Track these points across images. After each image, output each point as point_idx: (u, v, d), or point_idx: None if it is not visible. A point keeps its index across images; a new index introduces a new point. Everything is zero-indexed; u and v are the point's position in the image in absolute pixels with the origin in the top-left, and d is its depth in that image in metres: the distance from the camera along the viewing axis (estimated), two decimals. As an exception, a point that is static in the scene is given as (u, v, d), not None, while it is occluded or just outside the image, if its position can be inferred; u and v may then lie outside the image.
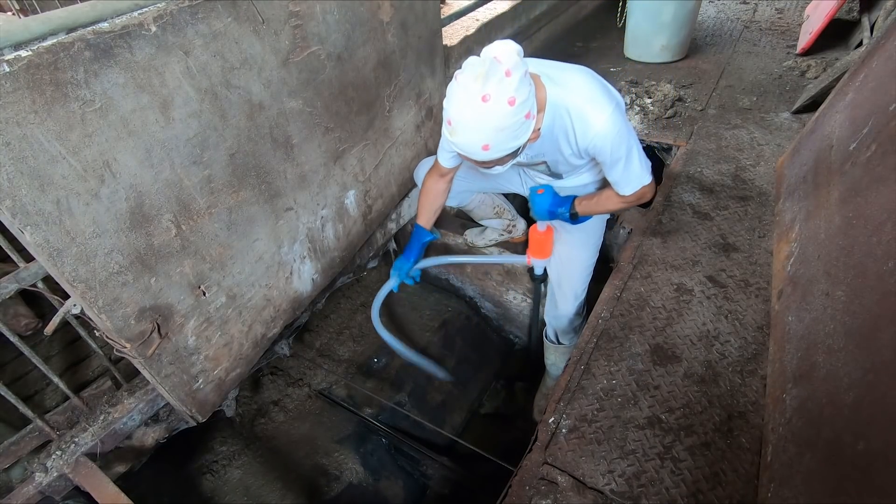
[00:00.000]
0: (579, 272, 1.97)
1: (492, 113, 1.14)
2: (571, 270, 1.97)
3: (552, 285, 2.09)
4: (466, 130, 1.19)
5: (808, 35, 3.40)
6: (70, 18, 1.00)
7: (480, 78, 1.13)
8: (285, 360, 2.48)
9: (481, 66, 1.14)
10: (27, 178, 0.96)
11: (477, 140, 1.19)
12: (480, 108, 1.14)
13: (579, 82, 1.36)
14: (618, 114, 1.34)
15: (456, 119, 1.19)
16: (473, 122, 1.16)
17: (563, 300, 2.05)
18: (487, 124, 1.16)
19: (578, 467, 1.41)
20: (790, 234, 1.85)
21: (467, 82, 1.15)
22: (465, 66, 1.18)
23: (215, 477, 2.06)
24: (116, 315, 1.19)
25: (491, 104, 1.14)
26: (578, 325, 2.16)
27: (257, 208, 1.50)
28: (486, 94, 1.13)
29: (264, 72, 1.38)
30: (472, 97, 1.14)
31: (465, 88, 1.15)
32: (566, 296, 2.03)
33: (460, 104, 1.17)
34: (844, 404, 1.08)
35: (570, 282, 1.99)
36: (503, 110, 1.15)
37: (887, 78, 1.61)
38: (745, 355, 1.64)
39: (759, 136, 2.69)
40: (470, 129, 1.18)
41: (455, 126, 1.20)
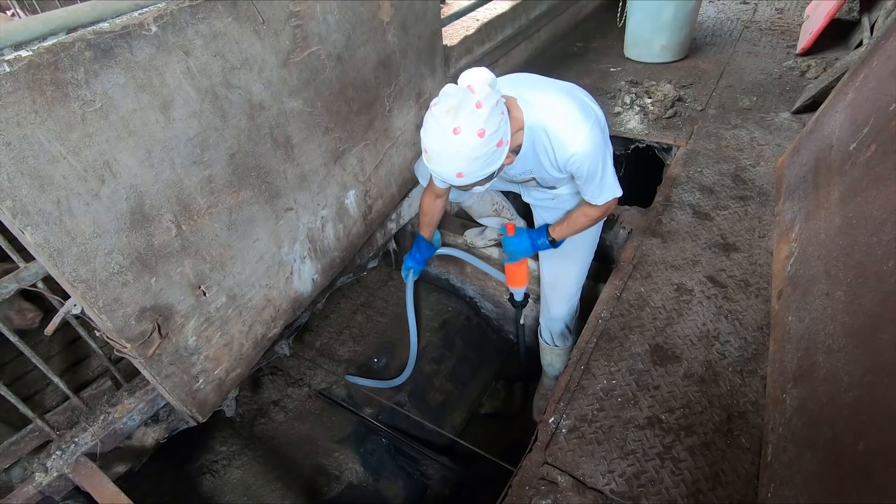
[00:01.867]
0: (573, 275, 1.97)
1: (463, 145, 1.19)
2: (565, 273, 1.97)
3: (545, 288, 2.09)
4: (441, 160, 1.25)
5: (808, 35, 3.40)
6: (70, 18, 1.00)
7: (452, 111, 1.18)
8: (285, 360, 2.48)
9: (454, 99, 1.18)
10: (28, 178, 0.96)
11: (451, 169, 1.25)
12: (452, 140, 1.19)
13: (556, 103, 1.38)
14: (595, 131, 1.37)
15: (431, 149, 1.25)
16: (446, 152, 1.22)
17: (556, 303, 2.05)
18: (459, 155, 1.21)
19: (578, 467, 1.41)
20: (790, 234, 1.85)
21: (440, 115, 1.20)
22: (441, 95, 1.23)
23: (215, 477, 2.06)
24: (117, 315, 1.19)
25: (461, 136, 1.18)
26: (573, 326, 2.16)
27: (257, 208, 1.50)
28: (456, 126, 1.18)
29: (264, 72, 1.38)
30: (444, 130, 1.19)
31: (437, 121, 1.21)
32: (560, 298, 2.03)
33: (434, 136, 1.22)
34: (844, 404, 1.08)
35: (565, 284, 1.99)
36: (473, 142, 1.19)
37: (887, 78, 1.61)
38: (745, 355, 1.64)
39: (759, 136, 2.69)
40: (444, 158, 1.24)
41: (431, 155, 1.26)
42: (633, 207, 2.35)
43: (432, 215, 1.96)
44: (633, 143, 2.91)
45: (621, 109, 3.10)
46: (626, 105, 3.12)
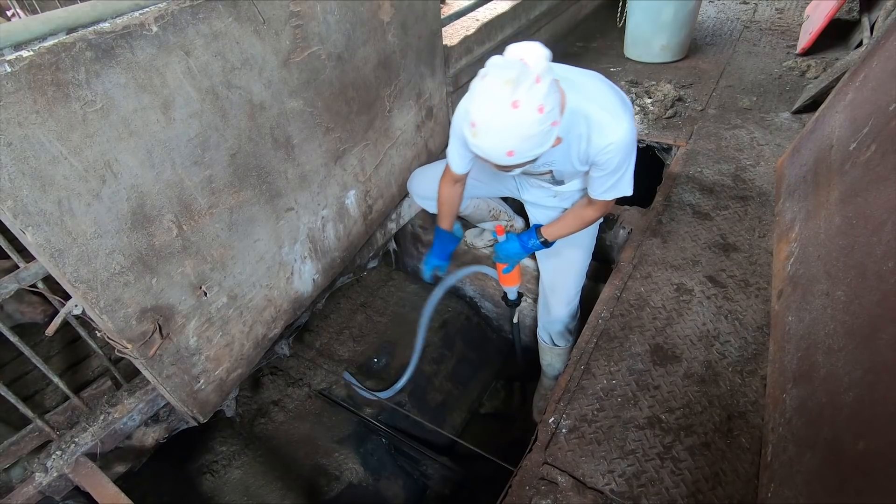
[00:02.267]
0: (572, 276, 1.96)
1: (521, 120, 1.11)
2: (564, 275, 1.96)
3: (544, 290, 2.08)
4: (492, 135, 1.15)
5: (808, 35, 3.40)
6: (71, 18, 1.00)
7: (511, 83, 1.08)
8: (285, 360, 2.48)
9: (511, 70, 1.09)
10: (29, 178, 0.96)
11: (502, 146, 1.16)
12: (509, 114, 1.10)
13: (599, 90, 1.33)
14: (633, 124, 1.33)
15: (482, 123, 1.15)
16: (501, 128, 1.13)
17: (556, 305, 2.04)
18: (515, 131, 1.13)
19: (578, 467, 1.41)
20: (790, 234, 1.86)
21: (496, 86, 1.10)
22: (490, 67, 1.14)
23: (215, 477, 2.06)
24: (118, 315, 1.19)
25: (520, 111, 1.10)
26: (573, 327, 2.16)
27: (258, 208, 1.50)
28: (516, 100, 1.09)
29: (265, 72, 1.38)
30: (501, 103, 1.10)
31: (493, 93, 1.11)
32: (560, 300, 2.02)
33: (488, 109, 1.12)
34: (844, 404, 1.08)
35: (564, 286, 1.99)
36: (532, 118, 1.11)
37: (887, 78, 1.61)
38: (745, 355, 1.64)
39: (759, 136, 2.69)
40: (496, 134, 1.14)
41: (479, 129, 1.16)
42: (633, 207, 2.35)
43: (451, 203, 1.82)
44: (633, 143, 2.91)
45: (621, 109, 3.10)
46: (626, 105, 3.12)
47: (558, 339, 2.20)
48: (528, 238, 1.74)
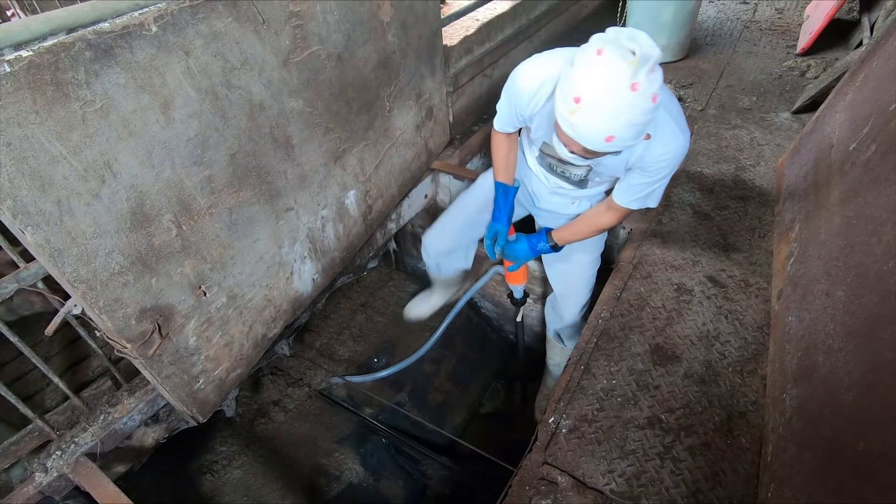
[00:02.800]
0: (584, 282, 1.94)
1: (636, 104, 1.02)
2: (576, 281, 1.94)
3: (557, 297, 2.06)
4: (600, 115, 1.04)
5: (808, 35, 3.40)
6: (70, 18, 1.00)
7: (634, 64, 0.99)
8: (285, 360, 2.48)
9: (633, 48, 1.00)
10: (28, 178, 0.96)
11: (607, 128, 1.05)
12: (626, 95, 1.01)
13: (668, 99, 1.28)
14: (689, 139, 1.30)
15: (592, 99, 1.03)
16: (613, 109, 1.03)
17: (568, 310, 2.02)
18: (626, 115, 1.03)
19: (578, 467, 1.41)
20: (790, 234, 1.85)
21: (616, 63, 1.00)
22: (606, 42, 1.02)
23: (215, 477, 2.06)
24: (117, 315, 1.19)
25: (637, 95, 1.01)
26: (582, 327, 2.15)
27: (258, 208, 1.50)
28: (636, 82, 1.00)
29: (265, 72, 1.38)
30: (620, 81, 1.00)
31: (613, 69, 1.00)
32: (572, 306, 2.00)
33: (603, 85, 1.01)
34: (844, 404, 1.08)
35: (577, 294, 1.97)
36: (647, 105, 1.03)
37: (887, 78, 1.61)
38: (745, 355, 1.64)
39: (759, 136, 2.69)
40: (604, 115, 1.04)
41: (585, 107, 1.04)
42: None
43: (509, 152, 1.63)
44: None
45: (621, 109, 3.10)
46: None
47: (569, 340, 2.19)
48: (537, 240, 1.71)
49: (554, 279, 2.02)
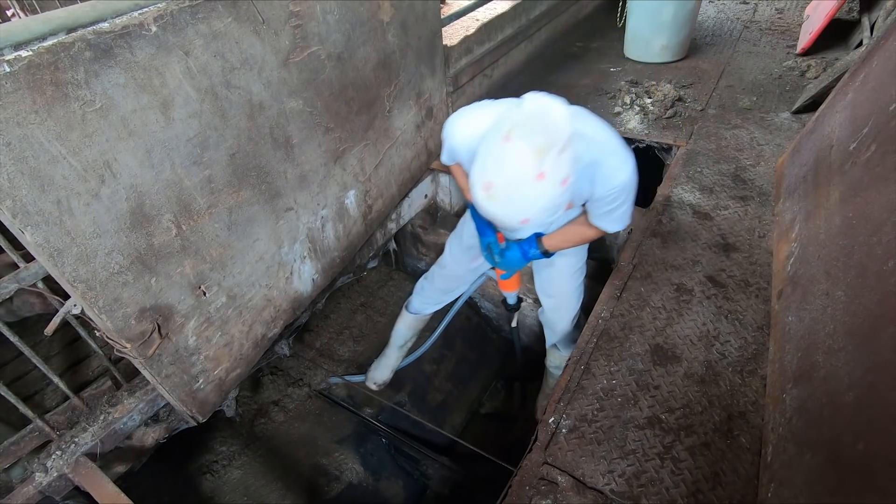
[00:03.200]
0: (571, 293, 1.95)
1: (544, 192, 1.03)
2: (563, 292, 1.95)
3: (547, 312, 2.07)
4: (509, 203, 1.06)
5: (808, 35, 3.40)
6: (70, 18, 1.00)
7: (542, 152, 0.99)
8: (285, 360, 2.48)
9: (540, 135, 1.00)
10: (28, 178, 0.96)
11: (519, 215, 1.08)
12: (533, 185, 1.02)
13: (603, 133, 1.30)
14: (635, 166, 1.30)
15: (501, 188, 1.05)
16: (521, 198, 1.04)
17: (559, 322, 2.04)
18: (536, 203, 1.04)
19: (578, 467, 1.41)
20: (790, 234, 1.85)
21: (523, 152, 1.00)
22: (514, 124, 1.02)
23: (215, 477, 2.06)
24: (117, 315, 1.19)
25: (545, 183, 1.02)
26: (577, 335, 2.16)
27: (258, 208, 1.50)
28: (542, 171, 1.00)
29: (264, 72, 1.38)
30: (526, 172, 1.00)
31: (518, 160, 1.01)
32: (563, 318, 2.02)
33: (510, 175, 1.02)
34: (844, 404, 1.08)
35: (566, 305, 1.98)
36: (556, 191, 1.04)
37: (887, 78, 1.61)
38: (745, 355, 1.64)
39: (759, 136, 2.69)
40: (515, 203, 1.06)
41: (496, 194, 1.06)
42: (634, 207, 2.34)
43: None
44: (633, 143, 2.91)
45: (621, 109, 3.10)
46: (626, 105, 3.12)
47: (566, 349, 2.20)
48: (528, 247, 1.70)
49: (541, 289, 2.02)
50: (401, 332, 2.35)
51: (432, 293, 2.17)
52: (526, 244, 1.71)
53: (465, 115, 1.36)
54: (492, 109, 1.30)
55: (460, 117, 1.36)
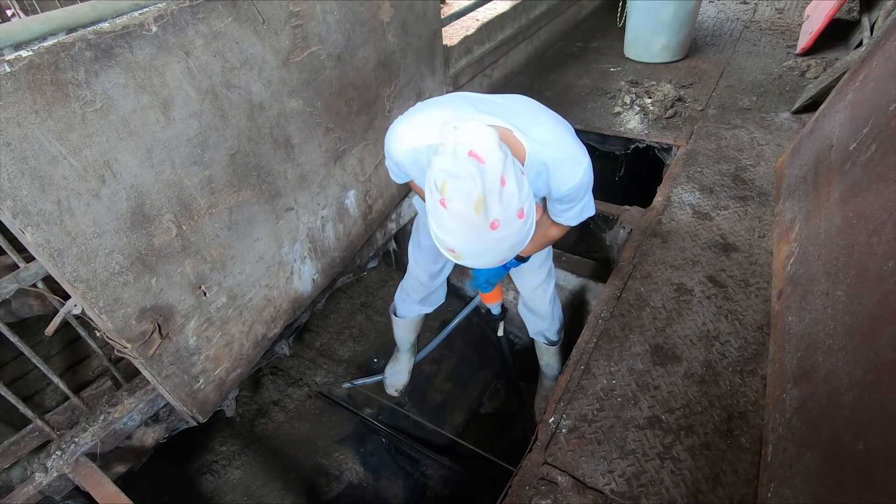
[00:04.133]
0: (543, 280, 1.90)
1: (507, 236, 1.00)
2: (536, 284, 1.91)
3: (525, 304, 2.04)
4: (479, 258, 1.04)
5: (808, 35, 3.40)
6: (70, 18, 1.00)
7: (482, 205, 0.93)
8: (285, 360, 2.48)
9: (473, 185, 0.93)
10: (28, 178, 0.96)
11: (492, 261, 1.05)
12: (492, 236, 0.98)
13: (553, 133, 1.23)
14: (590, 162, 1.26)
15: (462, 251, 1.02)
16: (487, 250, 1.01)
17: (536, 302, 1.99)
18: (503, 245, 1.01)
19: (578, 467, 1.41)
20: (790, 234, 1.85)
21: (466, 215, 0.95)
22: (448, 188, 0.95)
23: (215, 477, 2.06)
24: (117, 315, 1.19)
25: (502, 228, 0.98)
26: (560, 321, 2.13)
27: (258, 208, 1.50)
28: (494, 220, 0.95)
29: (265, 72, 1.38)
30: (478, 229, 0.96)
31: (466, 223, 0.96)
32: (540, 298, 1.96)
33: (465, 238, 0.99)
34: (844, 404, 1.08)
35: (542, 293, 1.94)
36: (515, 227, 1.00)
37: (887, 78, 1.61)
38: (745, 355, 1.64)
39: (759, 136, 2.69)
40: (483, 255, 1.03)
41: (462, 255, 1.04)
42: (633, 207, 2.35)
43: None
44: (633, 143, 2.91)
45: (621, 109, 3.10)
46: (626, 105, 3.12)
47: (552, 335, 2.17)
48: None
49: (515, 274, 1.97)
50: (402, 337, 2.34)
51: (412, 305, 2.13)
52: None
53: (402, 132, 1.24)
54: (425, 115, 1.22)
55: (396, 131, 1.25)
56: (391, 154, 1.27)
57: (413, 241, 1.90)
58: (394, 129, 1.25)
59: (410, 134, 1.22)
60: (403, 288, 2.12)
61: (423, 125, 1.20)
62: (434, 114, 1.21)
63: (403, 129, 1.23)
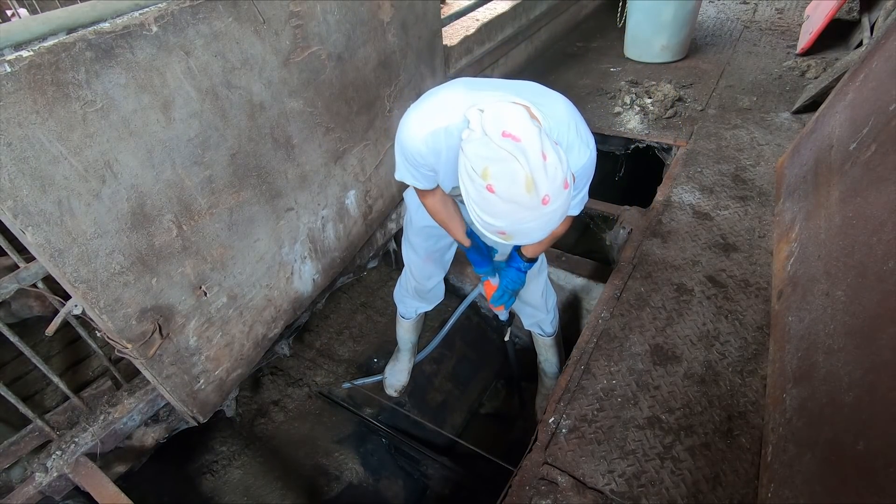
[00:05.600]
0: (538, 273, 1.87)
1: (556, 208, 0.99)
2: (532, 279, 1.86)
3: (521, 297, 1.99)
4: (531, 233, 1.03)
5: (808, 35, 3.40)
6: (70, 19, 1.00)
7: (531, 185, 0.94)
8: (285, 360, 2.48)
9: (519, 166, 0.93)
10: (29, 178, 0.96)
11: (543, 235, 1.04)
12: (545, 211, 0.98)
13: (566, 114, 1.24)
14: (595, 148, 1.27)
15: (514, 231, 1.01)
16: (541, 226, 1.01)
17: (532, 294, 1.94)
18: (554, 218, 1.01)
19: (578, 467, 1.41)
20: (790, 234, 1.86)
21: (518, 196, 0.95)
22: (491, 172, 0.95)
23: (215, 477, 2.06)
24: (118, 315, 1.19)
25: (553, 202, 0.97)
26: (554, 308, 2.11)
27: (258, 208, 1.50)
28: (545, 196, 0.95)
29: (265, 72, 1.38)
30: (532, 210, 0.96)
31: (519, 204, 0.96)
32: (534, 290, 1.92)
33: (520, 217, 0.98)
34: (844, 404, 1.08)
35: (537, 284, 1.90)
36: (563, 197, 0.99)
37: (887, 78, 1.61)
38: (745, 355, 1.64)
39: (759, 136, 2.69)
40: (535, 231, 1.02)
41: (515, 234, 1.03)
42: (633, 207, 2.35)
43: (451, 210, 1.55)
44: (633, 143, 2.91)
45: (621, 109, 3.10)
46: (626, 105, 3.12)
47: (548, 326, 2.15)
48: (516, 263, 1.64)
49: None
50: (403, 337, 2.34)
51: (410, 302, 2.12)
52: (514, 263, 1.64)
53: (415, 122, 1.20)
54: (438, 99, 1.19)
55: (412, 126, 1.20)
56: (407, 147, 1.21)
57: (404, 238, 1.87)
58: (406, 120, 1.20)
59: (426, 120, 1.18)
60: (401, 285, 2.12)
61: (438, 109, 1.18)
62: (447, 96, 1.18)
63: (417, 116, 1.19)
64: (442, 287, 2.13)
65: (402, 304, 2.18)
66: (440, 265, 1.95)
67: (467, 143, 0.99)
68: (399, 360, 2.42)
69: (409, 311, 2.19)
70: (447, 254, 1.93)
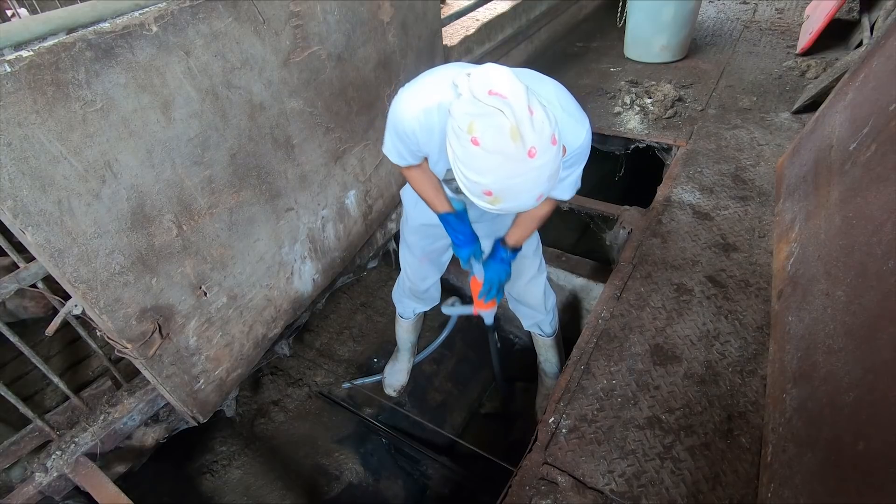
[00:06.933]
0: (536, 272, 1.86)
1: (544, 163, 0.96)
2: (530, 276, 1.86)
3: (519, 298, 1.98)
4: (519, 195, 0.99)
5: (808, 35, 3.40)
6: (70, 18, 1.00)
7: (517, 134, 0.91)
8: (285, 360, 2.48)
9: (503, 118, 0.91)
10: (28, 178, 0.96)
11: (532, 197, 1.01)
12: (531, 165, 0.94)
13: (557, 94, 1.22)
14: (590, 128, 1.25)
15: (502, 189, 0.98)
16: (528, 183, 0.97)
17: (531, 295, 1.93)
18: (542, 176, 0.97)
19: (578, 467, 1.41)
20: (790, 234, 1.86)
21: (503, 146, 0.92)
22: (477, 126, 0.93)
23: (215, 477, 2.06)
24: (118, 315, 1.19)
25: (539, 156, 0.94)
26: (554, 308, 2.09)
27: (258, 208, 1.50)
28: (531, 147, 0.92)
29: (265, 72, 1.38)
30: (517, 160, 0.93)
31: (504, 155, 0.93)
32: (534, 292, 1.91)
33: (505, 172, 0.95)
34: (844, 404, 1.08)
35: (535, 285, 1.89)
36: (551, 153, 0.96)
37: (887, 78, 1.61)
38: (745, 355, 1.64)
39: (759, 136, 2.69)
40: (524, 192, 0.99)
41: (501, 194, 0.99)
42: (633, 207, 2.35)
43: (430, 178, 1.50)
44: (633, 143, 2.91)
45: (621, 109, 3.10)
46: (626, 105, 3.12)
47: (547, 327, 2.14)
48: (499, 254, 1.61)
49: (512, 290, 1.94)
50: (403, 337, 2.34)
51: (408, 302, 2.11)
52: (498, 254, 1.62)
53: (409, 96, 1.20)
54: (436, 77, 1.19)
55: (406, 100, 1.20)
56: (399, 123, 1.21)
57: (401, 238, 1.86)
58: (400, 98, 1.20)
59: (419, 96, 1.18)
60: (398, 285, 2.12)
61: (432, 86, 1.17)
62: (441, 75, 1.18)
63: (410, 93, 1.19)
64: (438, 289, 2.12)
65: (400, 304, 2.17)
66: (436, 266, 1.94)
67: (455, 104, 0.97)
68: (398, 360, 2.42)
69: (407, 312, 2.18)
70: (444, 255, 1.92)
